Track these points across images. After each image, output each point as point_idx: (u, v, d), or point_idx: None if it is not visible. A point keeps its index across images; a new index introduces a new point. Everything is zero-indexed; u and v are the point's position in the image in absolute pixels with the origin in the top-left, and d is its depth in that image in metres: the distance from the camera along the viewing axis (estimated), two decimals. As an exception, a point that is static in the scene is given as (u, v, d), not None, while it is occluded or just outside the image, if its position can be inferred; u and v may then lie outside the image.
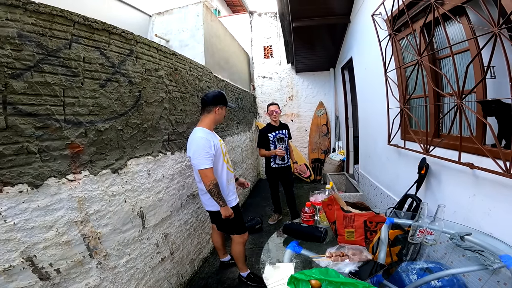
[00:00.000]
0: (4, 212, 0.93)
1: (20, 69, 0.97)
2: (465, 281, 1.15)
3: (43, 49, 1.04)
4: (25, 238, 0.99)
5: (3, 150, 0.94)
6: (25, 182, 1.00)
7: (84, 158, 1.22)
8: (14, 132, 0.97)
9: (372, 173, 3.24)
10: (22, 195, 0.99)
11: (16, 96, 0.97)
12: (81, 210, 1.19)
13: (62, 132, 1.12)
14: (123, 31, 1.43)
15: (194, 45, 2.90)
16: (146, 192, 1.64)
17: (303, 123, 5.47)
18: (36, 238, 1.02)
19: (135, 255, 1.54)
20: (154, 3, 3.45)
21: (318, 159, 5.31)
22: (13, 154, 0.97)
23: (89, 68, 1.23)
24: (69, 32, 1.14)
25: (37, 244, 1.03)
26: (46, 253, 1.06)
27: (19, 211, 0.98)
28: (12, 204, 0.96)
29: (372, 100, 3.08)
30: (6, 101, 0.95)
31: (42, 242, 1.04)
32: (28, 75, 1.00)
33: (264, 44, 5.60)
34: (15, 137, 0.97)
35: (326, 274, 0.94)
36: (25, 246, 0.99)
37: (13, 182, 0.96)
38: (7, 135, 0.95)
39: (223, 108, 1.94)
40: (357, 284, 0.87)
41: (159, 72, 1.78)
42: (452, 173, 1.58)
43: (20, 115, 0.98)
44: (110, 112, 1.35)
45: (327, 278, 0.91)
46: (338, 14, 3.42)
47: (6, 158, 0.95)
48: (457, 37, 1.61)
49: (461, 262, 1.22)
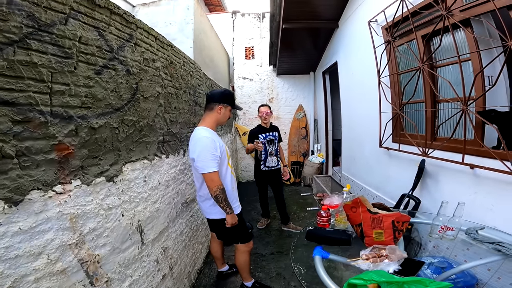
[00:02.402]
0: (-27, 239, 0.65)
1: (1, 43, 0.70)
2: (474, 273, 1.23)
3: (34, 21, 0.78)
4: (9, 270, 0.72)
5: (-36, 153, 0.66)
6: (0, 198, 0.72)
7: (74, 163, 0.95)
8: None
9: (358, 175, 3.31)
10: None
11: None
12: (74, 230, 0.92)
13: (47, 129, 0.85)
14: (125, 12, 1.19)
15: (183, 40, 2.66)
16: (143, 203, 1.38)
17: (283, 125, 5.45)
18: (23, 269, 0.75)
19: (137, 276, 1.29)
20: None
21: (297, 162, 5.32)
22: (-22, 159, 0.69)
23: (85, 50, 0.98)
24: (68, 5, 0.88)
25: (26, 277, 0.76)
26: (40, 287, 0.80)
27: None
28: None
29: (359, 104, 3.15)
30: None
31: (32, 273, 0.78)
32: (10, 52, 0.73)
33: (246, 44, 5.47)
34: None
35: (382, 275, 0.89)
36: (11, 281, 0.72)
37: (-19, 198, 0.69)
38: (-29, 130, 0.67)
39: (227, 108, 1.74)
40: (423, 281, 0.81)
41: (156, 63, 1.54)
42: (451, 174, 1.68)
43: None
44: (105, 105, 1.10)
45: (388, 280, 0.85)
46: (326, 19, 3.46)
47: (-33, 165, 0.67)
48: (459, 46, 1.68)
49: (466, 255, 1.29)
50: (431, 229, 1.28)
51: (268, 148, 2.93)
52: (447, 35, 1.69)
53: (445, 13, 1.52)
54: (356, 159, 3.35)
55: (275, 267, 2.40)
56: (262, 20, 5.45)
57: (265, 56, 5.36)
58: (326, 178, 4.21)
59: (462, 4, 1.48)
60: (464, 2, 1.50)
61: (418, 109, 2.10)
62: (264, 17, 5.44)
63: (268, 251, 2.69)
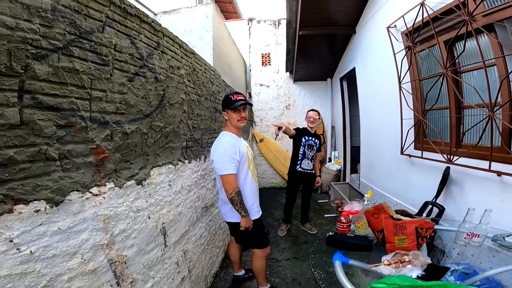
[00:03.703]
0: (16, 238, 0.70)
1: (47, 50, 0.76)
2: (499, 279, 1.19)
3: (76, 28, 0.84)
4: (45, 269, 0.76)
5: (14, 154, 0.71)
6: (43, 198, 0.77)
7: (109, 166, 1.01)
8: (31, 130, 0.74)
9: (377, 182, 3.25)
10: (39, 215, 0.76)
11: (36, 83, 0.75)
12: (106, 230, 0.97)
13: (87, 133, 0.91)
14: (153, 21, 1.26)
15: (203, 47, 2.75)
16: (168, 206, 1.43)
17: (299, 132, 5.42)
18: (58, 269, 0.80)
19: (159, 278, 1.32)
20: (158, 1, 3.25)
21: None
22: (27, 161, 0.74)
23: (119, 57, 1.04)
24: (104, 13, 0.95)
25: (61, 276, 0.80)
26: (72, 286, 0.84)
27: (35, 236, 0.75)
28: (26, 228, 0.73)
29: (378, 111, 3.11)
30: (24, 88, 0.72)
31: (67, 272, 0.82)
32: (55, 58, 0.79)
33: (262, 51, 5.54)
34: (31, 137, 0.75)
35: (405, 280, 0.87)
36: (47, 280, 0.76)
37: (27, 198, 0.74)
38: (21, 134, 0.72)
39: (229, 112, 1.70)
40: (448, 285, 0.80)
41: (181, 70, 1.61)
42: (477, 181, 1.66)
43: (39, 108, 0.76)
44: (136, 111, 1.16)
45: (412, 284, 0.83)
46: (343, 25, 3.46)
47: (18, 166, 0.72)
48: (483, 50, 1.64)
49: (491, 262, 1.26)
50: (457, 236, 1.27)
51: (307, 152, 3.00)
52: (470, 40, 1.66)
53: (467, 18, 1.49)
54: (376, 166, 3.30)
55: (291, 273, 2.38)
56: (277, 27, 5.51)
57: (281, 63, 5.40)
58: (344, 185, 4.14)
59: (484, 9, 1.45)
60: (486, 7, 1.47)
61: (442, 116, 2.04)
62: (280, 23, 5.50)
63: (284, 257, 2.67)
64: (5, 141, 0.68)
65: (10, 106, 0.69)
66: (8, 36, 0.67)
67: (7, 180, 0.69)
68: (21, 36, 0.70)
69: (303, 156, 3.01)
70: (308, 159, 3.03)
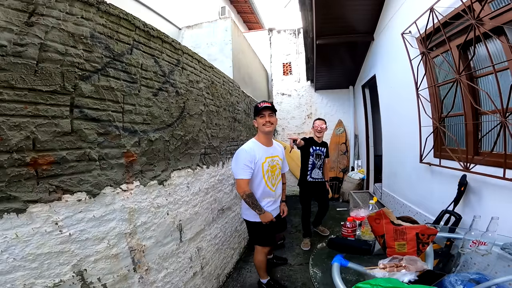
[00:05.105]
0: (60, 221, 0.90)
1: (89, 71, 0.98)
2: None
3: (110, 52, 1.06)
4: (78, 250, 0.95)
5: (66, 155, 0.93)
6: (84, 190, 0.98)
7: (136, 167, 1.21)
8: (79, 137, 0.96)
9: (399, 191, 3.16)
10: (80, 204, 0.97)
11: (83, 99, 0.97)
12: (131, 221, 1.16)
13: (120, 140, 1.12)
14: (173, 40, 1.47)
15: (223, 60, 2.97)
16: (185, 205, 1.61)
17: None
18: (88, 251, 0.98)
19: (172, 269, 1.49)
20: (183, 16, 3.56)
21: (336, 178, 5.21)
22: (75, 160, 0.96)
23: (145, 75, 1.26)
24: (131, 36, 1.16)
25: (89, 257, 0.99)
26: (96, 267, 1.02)
27: (75, 221, 0.95)
28: (69, 214, 0.93)
29: (399, 119, 3.05)
30: (74, 103, 0.94)
31: (94, 254, 1.00)
32: (96, 78, 1.01)
33: (283, 61, 5.68)
34: (78, 142, 0.96)
35: (390, 282, 0.91)
36: (77, 259, 0.95)
37: (72, 190, 0.95)
38: (71, 139, 0.94)
39: (257, 119, 1.88)
40: None
41: (200, 84, 1.81)
42: (495, 189, 1.61)
43: (85, 119, 0.98)
44: (160, 122, 1.36)
45: (396, 286, 0.87)
46: (361, 32, 3.48)
47: (68, 164, 0.94)
48: (495, 55, 1.60)
49: (508, 272, 1.22)
50: (463, 244, 1.27)
51: (316, 162, 3.04)
52: (482, 44, 1.64)
53: (474, 22, 1.48)
54: (397, 175, 3.21)
55: (302, 277, 2.42)
56: (297, 36, 5.61)
57: (302, 72, 5.48)
58: (364, 194, 4.06)
59: (490, 12, 1.44)
60: (492, 9, 1.45)
61: (459, 122, 2.00)
62: (300, 32, 5.57)
63: (297, 262, 2.72)
64: (59, 145, 0.90)
65: (64, 118, 0.91)
66: (60, 61, 0.89)
67: (60, 174, 0.91)
68: (70, 60, 0.92)
69: (313, 166, 3.03)
70: (317, 168, 3.05)
